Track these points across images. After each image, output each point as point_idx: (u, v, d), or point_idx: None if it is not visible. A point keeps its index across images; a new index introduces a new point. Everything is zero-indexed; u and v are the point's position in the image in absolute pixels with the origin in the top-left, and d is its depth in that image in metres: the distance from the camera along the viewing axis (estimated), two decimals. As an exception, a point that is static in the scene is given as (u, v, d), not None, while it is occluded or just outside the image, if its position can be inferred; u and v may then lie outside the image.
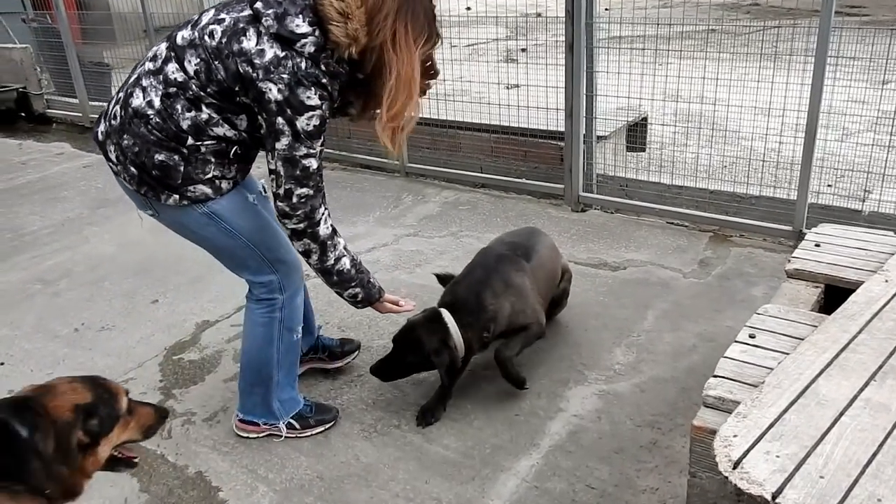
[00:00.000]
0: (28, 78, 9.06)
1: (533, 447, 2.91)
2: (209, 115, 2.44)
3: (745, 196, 4.97)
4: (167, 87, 2.45)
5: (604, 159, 5.43)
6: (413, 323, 3.15)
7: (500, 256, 3.31)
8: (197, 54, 2.42)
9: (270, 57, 2.33)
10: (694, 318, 3.79)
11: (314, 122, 2.38)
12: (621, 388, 3.25)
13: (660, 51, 5.03)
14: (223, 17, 2.44)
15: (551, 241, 3.63)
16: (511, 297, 3.18)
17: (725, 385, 2.20)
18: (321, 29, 2.38)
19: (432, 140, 6.16)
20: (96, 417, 1.86)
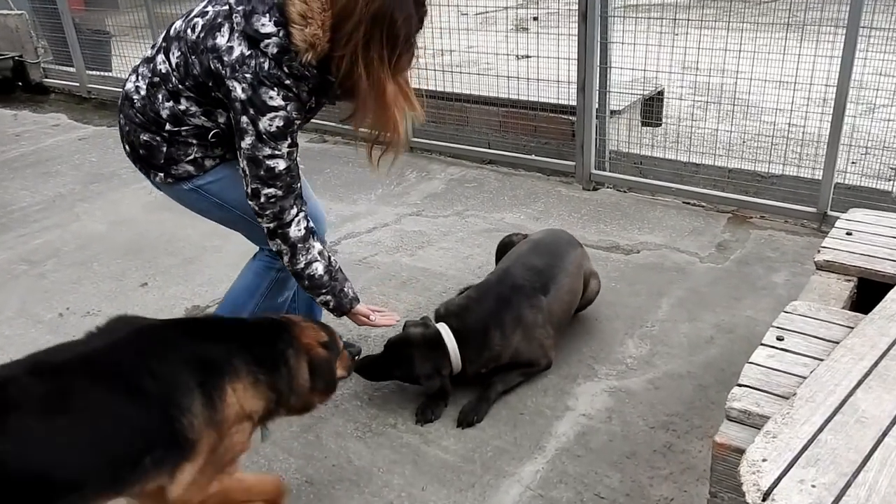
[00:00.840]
0: (24, 46, 8.80)
1: (538, 450, 2.71)
2: (187, 107, 2.47)
3: (765, 175, 4.71)
4: (153, 77, 2.50)
5: (617, 135, 5.17)
6: (410, 338, 2.94)
7: (517, 288, 3.05)
8: (179, 47, 2.44)
9: (237, 55, 2.31)
10: (711, 306, 3.57)
11: (277, 123, 2.34)
12: (633, 384, 3.04)
13: (678, 20, 4.74)
14: (208, 9, 2.42)
15: (578, 256, 3.31)
16: (520, 334, 2.98)
17: (751, 396, 1.98)
18: (286, 30, 2.28)
19: (438, 113, 5.89)
20: (333, 353, 2.35)
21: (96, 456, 1.83)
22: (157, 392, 1.90)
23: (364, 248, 4.37)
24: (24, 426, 1.75)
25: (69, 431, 1.80)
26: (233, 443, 2.03)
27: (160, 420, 1.88)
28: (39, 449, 1.74)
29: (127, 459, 1.85)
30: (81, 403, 1.82)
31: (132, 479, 1.87)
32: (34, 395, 1.79)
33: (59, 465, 1.76)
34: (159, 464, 1.88)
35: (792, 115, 4.51)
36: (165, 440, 1.89)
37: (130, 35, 8.10)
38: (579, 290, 3.28)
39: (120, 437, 1.87)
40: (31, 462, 1.72)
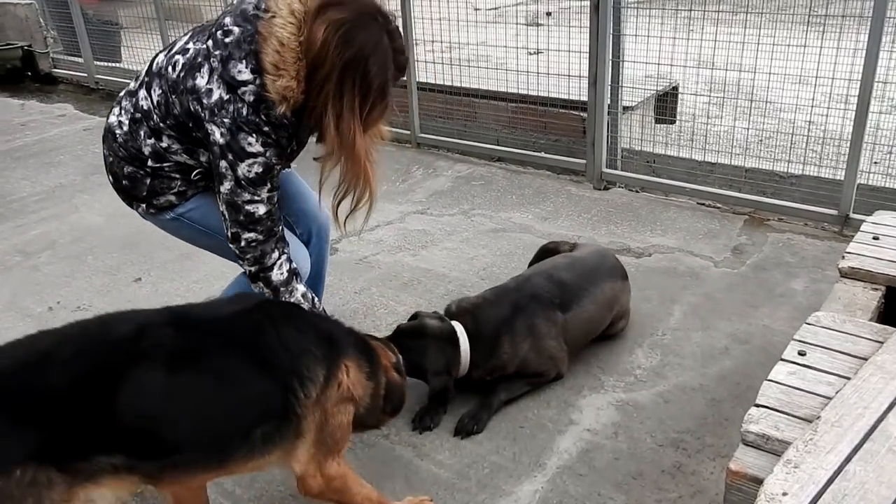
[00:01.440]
0: (33, 36, 8.71)
1: (538, 468, 2.54)
2: (169, 144, 2.42)
3: (784, 175, 4.51)
4: (135, 113, 2.45)
5: (629, 132, 4.99)
6: (426, 328, 2.78)
7: (535, 297, 2.89)
8: (160, 85, 2.37)
9: (216, 98, 2.24)
10: (726, 314, 3.39)
11: (256, 170, 2.28)
12: (642, 397, 2.87)
13: (694, 10, 4.55)
14: (189, 46, 2.35)
15: (615, 288, 3.10)
16: (530, 344, 2.82)
17: (770, 418, 1.80)
18: (262, 79, 2.20)
19: (446, 108, 5.73)
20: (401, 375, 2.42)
21: (209, 421, 1.83)
22: (285, 366, 1.93)
23: (365, 247, 4.22)
24: (147, 377, 1.75)
25: (189, 391, 1.82)
26: (337, 423, 2.05)
27: (278, 391, 1.90)
28: (155, 402, 1.76)
29: (238, 430, 1.86)
30: (208, 364, 1.87)
31: (237, 454, 1.87)
32: (167, 347, 1.82)
33: (169, 423, 1.77)
34: (268, 440, 1.89)
35: (812, 112, 4.31)
36: (277, 414, 1.90)
37: (143, 27, 7.98)
38: (602, 323, 3.09)
39: (237, 404, 1.87)
40: (143, 413, 1.73)
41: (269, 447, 1.92)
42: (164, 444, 1.77)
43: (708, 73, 4.78)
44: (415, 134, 5.71)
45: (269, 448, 1.92)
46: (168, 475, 1.82)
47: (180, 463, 1.81)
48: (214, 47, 2.25)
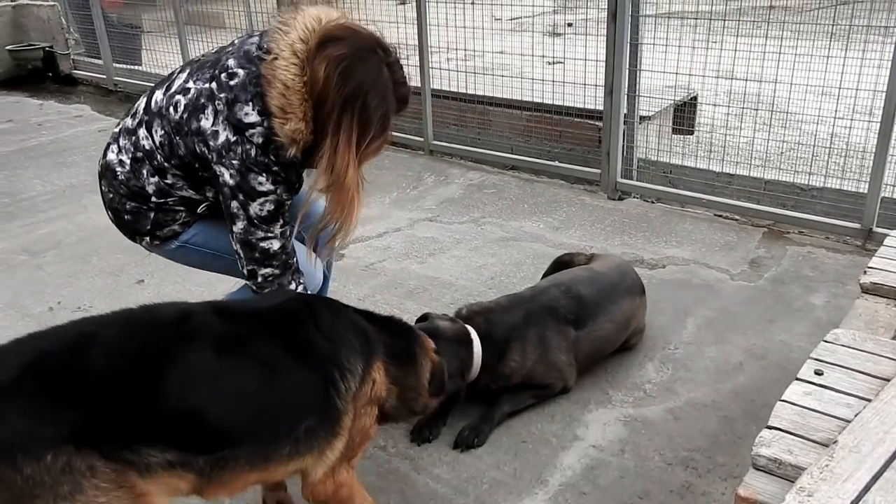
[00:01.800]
0: (55, 37, 8.76)
1: (540, 484, 2.44)
2: (174, 181, 2.37)
3: (805, 187, 4.38)
4: (136, 152, 2.39)
5: (646, 142, 4.88)
6: (439, 330, 2.66)
7: (551, 310, 2.80)
8: (162, 125, 2.32)
9: (223, 140, 2.19)
10: (742, 329, 3.26)
11: (268, 207, 2.26)
12: (651, 413, 2.75)
13: (713, 20, 4.44)
14: (189, 86, 2.29)
15: (633, 307, 3.01)
16: (539, 355, 2.74)
17: (783, 441, 1.69)
18: (269, 122, 2.16)
19: (460, 115, 5.66)
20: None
21: (258, 409, 1.78)
22: (327, 355, 1.89)
23: (372, 254, 4.14)
24: (196, 357, 1.71)
25: (239, 375, 1.76)
26: (362, 426, 2.00)
27: (320, 382, 1.86)
28: (205, 384, 1.70)
29: (285, 423, 1.80)
30: (255, 349, 1.81)
31: (282, 451, 1.80)
32: (214, 330, 1.77)
33: (220, 408, 1.70)
34: (311, 436, 1.83)
35: (835, 125, 4.18)
36: (319, 408, 1.85)
37: (165, 32, 8.00)
38: (616, 342, 3.00)
39: (285, 393, 1.82)
40: (193, 395, 1.67)
41: (310, 445, 1.85)
42: (214, 433, 1.69)
43: (727, 85, 4.65)
44: (428, 141, 5.63)
45: (310, 446, 1.85)
46: (217, 475, 1.71)
47: (230, 459, 1.71)
48: (219, 90, 2.20)
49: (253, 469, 1.79)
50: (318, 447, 1.87)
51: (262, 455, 1.78)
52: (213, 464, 1.69)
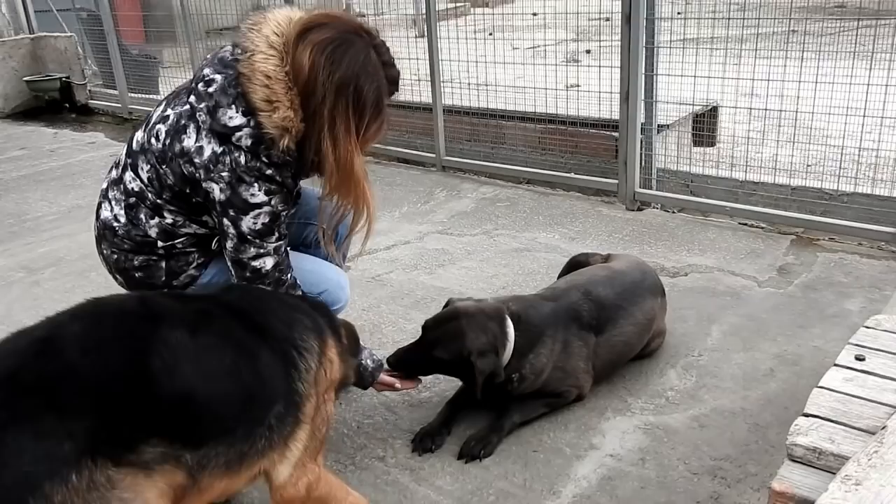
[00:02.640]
0: (72, 67, 8.82)
1: (552, 496, 2.21)
2: (174, 220, 2.23)
3: (834, 193, 4.16)
4: (128, 198, 2.26)
5: (665, 152, 4.69)
6: (459, 309, 2.48)
7: (576, 314, 2.61)
8: (147, 160, 2.21)
9: (209, 154, 2.08)
10: (772, 335, 3.03)
11: (263, 220, 2.13)
12: (674, 421, 2.53)
13: (730, 45, 4.28)
14: (168, 113, 2.19)
15: (655, 307, 2.81)
16: (562, 359, 2.54)
17: (823, 429, 1.48)
18: (255, 119, 2.03)
19: (473, 131, 5.52)
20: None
21: (237, 390, 1.61)
22: (283, 335, 1.75)
23: (379, 266, 3.96)
24: (173, 337, 1.54)
25: (216, 356, 1.60)
26: (325, 415, 1.84)
27: (283, 368, 1.71)
28: (189, 366, 1.54)
29: (261, 408, 1.64)
30: (223, 328, 1.66)
31: (257, 445, 1.63)
32: (177, 310, 1.63)
33: (205, 390, 1.54)
34: (280, 423, 1.67)
35: (863, 139, 3.96)
36: (285, 393, 1.69)
37: (184, 66, 8.00)
38: (637, 347, 2.79)
39: (257, 376, 1.65)
40: (180, 379, 1.50)
41: (280, 435, 1.67)
42: (205, 418, 1.53)
43: (748, 98, 4.45)
44: (440, 157, 5.49)
45: (280, 436, 1.67)
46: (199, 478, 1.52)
47: (211, 457, 1.53)
48: (198, 101, 2.10)
49: (227, 471, 1.59)
50: (284, 437, 1.68)
51: (239, 450, 1.59)
52: (199, 461, 1.51)
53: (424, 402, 2.70)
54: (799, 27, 8.84)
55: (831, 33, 7.89)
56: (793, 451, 1.46)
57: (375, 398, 2.72)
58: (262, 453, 1.63)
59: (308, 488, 1.77)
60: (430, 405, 2.67)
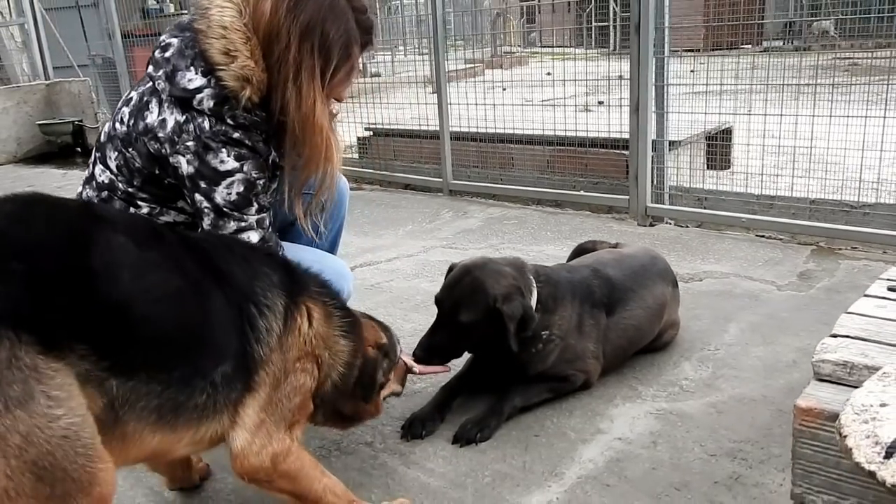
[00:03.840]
0: (84, 111, 8.89)
1: (554, 478, 2.00)
2: (149, 208, 2.08)
3: (856, 205, 3.99)
4: (100, 192, 2.10)
5: (677, 168, 4.55)
6: (468, 266, 2.33)
7: (587, 289, 2.45)
8: (114, 147, 2.08)
9: (172, 125, 1.96)
10: (794, 331, 2.83)
11: (237, 189, 1.97)
12: (689, 407, 2.32)
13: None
14: (132, 95, 2.09)
15: (665, 294, 2.64)
16: (569, 337, 2.37)
17: (854, 346, 1.29)
18: (215, 76, 1.92)
19: (480, 155, 5.43)
20: (387, 360, 1.95)
21: (178, 319, 1.42)
22: (242, 286, 1.56)
23: (379, 275, 3.81)
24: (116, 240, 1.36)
25: (160, 272, 1.42)
26: (296, 385, 1.64)
27: (238, 324, 1.52)
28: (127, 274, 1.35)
29: (205, 357, 1.46)
30: (171, 252, 1.48)
31: (196, 400, 1.44)
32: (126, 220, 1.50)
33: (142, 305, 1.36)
34: (227, 385, 1.49)
35: (881, 171, 3.82)
36: (236, 352, 1.51)
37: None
38: (649, 334, 2.61)
39: (201, 316, 1.47)
40: (117, 286, 1.33)
41: (226, 398, 1.48)
42: (136, 342, 1.34)
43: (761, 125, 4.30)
44: (447, 181, 5.39)
45: (226, 399, 1.49)
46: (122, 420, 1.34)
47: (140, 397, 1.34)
48: (156, 69, 2.00)
49: (159, 420, 1.40)
50: (232, 401, 1.50)
51: (173, 398, 1.40)
52: (125, 394, 1.32)
53: (418, 392, 2.51)
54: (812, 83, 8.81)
55: (846, 84, 7.82)
56: (820, 368, 1.27)
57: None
58: (205, 412, 1.45)
59: (273, 459, 1.58)
60: (423, 395, 2.48)
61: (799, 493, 1.26)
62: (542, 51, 10.87)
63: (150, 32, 8.42)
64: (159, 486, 2.08)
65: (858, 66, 15.58)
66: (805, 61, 4.95)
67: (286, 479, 1.62)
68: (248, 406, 1.54)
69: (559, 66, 5.34)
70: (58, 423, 1.18)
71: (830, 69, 5.18)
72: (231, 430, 1.53)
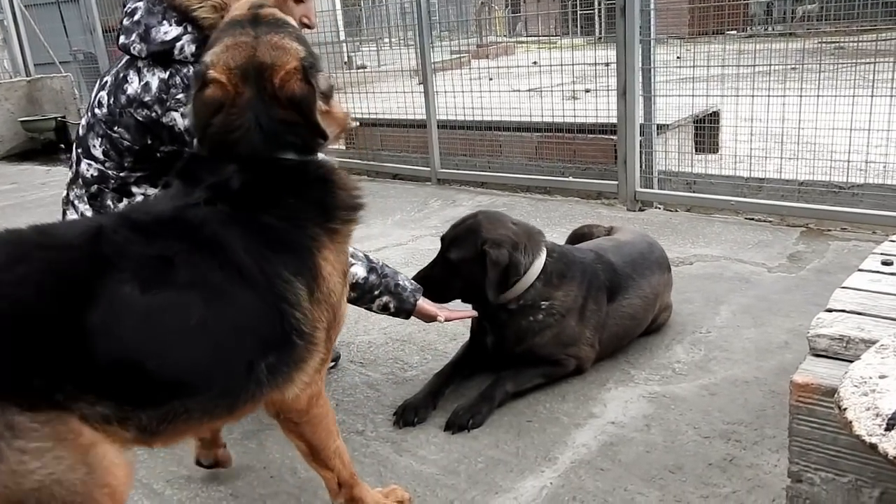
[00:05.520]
0: (67, 107, 8.80)
1: (547, 462, 1.98)
2: (143, 192, 2.07)
3: (844, 186, 3.98)
4: (88, 188, 2.09)
5: (665, 155, 4.53)
6: (479, 212, 2.43)
7: (593, 271, 2.45)
8: (96, 133, 2.06)
9: (157, 85, 1.95)
10: (785, 312, 2.82)
11: None
12: (681, 390, 2.30)
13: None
14: (106, 79, 2.08)
15: (662, 281, 2.64)
16: (568, 317, 2.35)
17: (850, 320, 1.27)
18: (191, 22, 1.94)
19: (468, 143, 5.39)
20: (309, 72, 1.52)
21: (205, 351, 1.35)
22: (265, 278, 1.45)
23: (369, 265, 3.78)
24: (119, 294, 1.27)
25: (174, 312, 1.32)
26: (336, 318, 1.61)
27: (271, 313, 1.44)
28: (134, 329, 1.28)
29: (240, 363, 1.40)
30: (188, 277, 1.37)
31: (245, 396, 1.42)
32: (135, 256, 1.34)
33: (158, 356, 1.30)
34: (275, 372, 1.45)
35: (868, 153, 3.80)
36: (278, 339, 1.46)
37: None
38: (644, 323, 2.59)
39: (232, 331, 1.40)
40: (122, 344, 1.26)
41: (275, 382, 1.47)
42: (157, 382, 1.30)
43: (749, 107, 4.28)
44: (434, 170, 5.36)
45: (277, 382, 1.47)
46: (167, 428, 1.34)
47: (181, 412, 1.34)
48: (128, 35, 1.98)
49: (213, 418, 1.43)
50: (286, 377, 1.49)
51: (221, 405, 1.40)
52: (160, 419, 1.31)
53: (410, 380, 2.48)
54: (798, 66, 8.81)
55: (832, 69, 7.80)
56: (816, 343, 1.25)
57: (357, 377, 2.52)
58: (257, 399, 1.45)
59: (309, 401, 1.58)
60: (415, 382, 2.45)
61: (796, 470, 1.24)
62: (527, 40, 10.82)
63: (132, 26, 8.34)
64: (147, 478, 2.05)
65: (844, 49, 15.62)
66: (791, 46, 4.95)
67: (311, 424, 1.61)
68: (303, 371, 1.52)
69: (545, 56, 5.31)
70: (29, 477, 1.15)
71: (816, 53, 5.18)
72: (289, 388, 1.52)
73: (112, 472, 1.24)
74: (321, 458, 1.66)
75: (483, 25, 9.00)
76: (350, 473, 1.71)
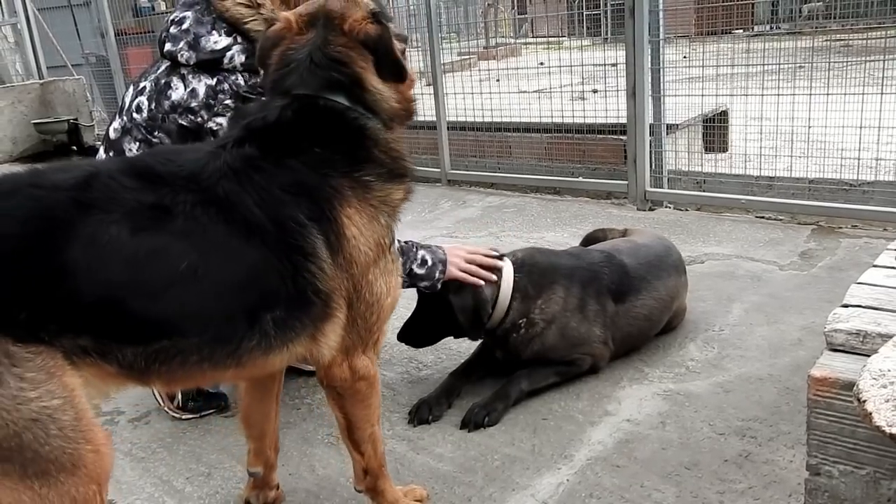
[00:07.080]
0: (79, 109, 8.85)
1: (563, 460, 2.00)
2: None
3: (855, 183, 3.98)
4: None
5: (675, 152, 4.54)
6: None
7: (593, 274, 2.45)
8: (133, 137, 2.09)
9: (204, 91, 1.98)
10: (798, 310, 2.83)
11: None
12: (696, 387, 2.32)
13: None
14: (143, 85, 2.10)
15: (678, 285, 2.64)
16: (570, 320, 2.36)
17: (866, 315, 1.28)
18: (241, 34, 1.96)
19: (477, 144, 5.41)
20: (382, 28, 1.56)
21: (195, 296, 1.35)
22: (277, 227, 1.43)
23: (381, 265, 3.80)
24: (102, 234, 1.29)
25: (162, 256, 1.33)
26: (370, 302, 1.56)
27: (281, 265, 1.42)
28: (117, 268, 1.29)
29: (238, 312, 1.40)
30: (184, 226, 1.37)
31: (248, 345, 1.41)
32: (126, 202, 1.34)
33: (141, 296, 1.31)
34: (283, 326, 1.44)
35: (879, 151, 3.80)
36: (290, 294, 1.43)
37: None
38: (658, 324, 2.60)
39: (228, 280, 1.39)
40: (102, 281, 1.27)
41: (286, 337, 1.46)
42: (138, 323, 1.31)
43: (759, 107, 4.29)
44: (445, 171, 5.38)
45: (289, 337, 1.46)
46: (158, 370, 1.35)
47: (173, 353, 1.34)
48: (175, 43, 2.00)
49: (216, 365, 1.41)
50: (302, 334, 1.48)
51: (219, 351, 1.39)
52: (148, 357, 1.33)
53: (425, 379, 2.51)
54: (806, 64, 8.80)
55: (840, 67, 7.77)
56: (833, 338, 1.26)
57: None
58: (269, 349, 1.44)
59: (353, 376, 1.59)
60: (430, 381, 2.48)
61: (814, 464, 1.25)
62: (535, 41, 10.83)
63: (143, 31, 8.39)
64: (168, 475, 2.08)
65: (851, 47, 15.57)
66: (799, 44, 4.95)
67: (352, 399, 1.63)
68: (329, 331, 1.52)
69: (553, 57, 5.33)
70: (28, 405, 1.18)
71: (824, 51, 5.18)
72: (315, 349, 1.53)
73: (94, 431, 1.27)
74: (355, 438, 1.67)
75: (490, 26, 9.02)
76: (379, 464, 1.72)
